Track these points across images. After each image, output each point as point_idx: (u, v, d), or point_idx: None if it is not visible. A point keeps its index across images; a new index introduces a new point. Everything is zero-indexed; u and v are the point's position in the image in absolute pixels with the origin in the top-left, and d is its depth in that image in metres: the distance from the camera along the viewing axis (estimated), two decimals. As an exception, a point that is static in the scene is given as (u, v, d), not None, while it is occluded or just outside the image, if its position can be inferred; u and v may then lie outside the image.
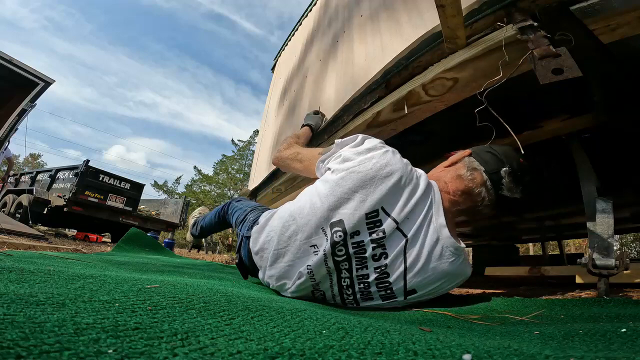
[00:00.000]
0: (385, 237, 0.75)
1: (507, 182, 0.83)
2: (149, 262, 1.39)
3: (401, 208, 0.75)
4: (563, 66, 0.75)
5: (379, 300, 0.79)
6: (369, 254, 0.76)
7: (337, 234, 0.76)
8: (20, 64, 4.56)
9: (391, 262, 0.76)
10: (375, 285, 0.77)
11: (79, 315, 0.31)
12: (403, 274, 0.76)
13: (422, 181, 0.79)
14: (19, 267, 0.61)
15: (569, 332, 0.45)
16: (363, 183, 0.76)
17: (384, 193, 0.75)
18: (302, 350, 0.29)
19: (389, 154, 0.80)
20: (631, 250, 13.55)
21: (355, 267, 0.77)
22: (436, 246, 0.77)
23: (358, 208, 0.75)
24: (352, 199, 0.76)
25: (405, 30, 1.20)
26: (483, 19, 0.93)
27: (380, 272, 0.76)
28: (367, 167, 0.77)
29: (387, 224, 0.75)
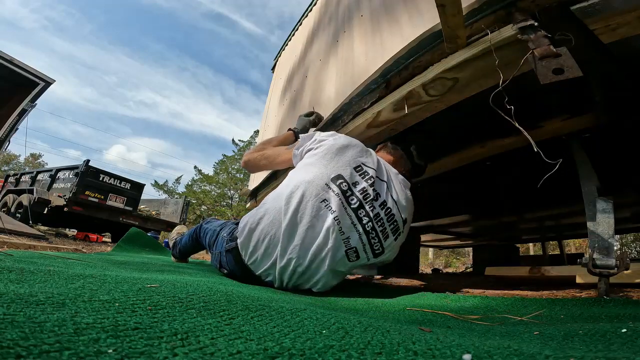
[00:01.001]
0: (374, 181, 1.01)
1: (415, 155, 1.24)
2: (149, 262, 1.39)
3: (371, 163, 1.05)
4: (563, 66, 0.75)
5: (391, 237, 1.02)
6: (372, 195, 0.98)
7: (343, 184, 0.97)
8: (20, 64, 4.56)
9: (386, 198, 1.02)
10: (387, 220, 1.00)
11: (79, 315, 0.31)
12: (397, 207, 1.04)
13: (371, 150, 1.14)
14: (19, 267, 0.61)
15: (569, 332, 0.45)
16: (343, 149, 1.05)
17: (358, 154, 1.05)
18: (302, 350, 0.29)
19: (347, 136, 1.14)
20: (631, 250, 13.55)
21: (369, 209, 0.97)
22: (401, 185, 1.11)
23: (348, 165, 1.01)
24: (340, 159, 1.01)
25: (405, 29, 1.20)
26: (483, 18, 0.93)
27: (385, 208, 1.01)
28: (341, 139, 1.08)
29: (371, 172, 1.02)
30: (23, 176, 7.68)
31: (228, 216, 18.64)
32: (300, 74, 2.36)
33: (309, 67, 2.21)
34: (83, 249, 2.72)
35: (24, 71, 4.61)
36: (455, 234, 3.56)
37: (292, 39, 3.09)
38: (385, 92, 1.26)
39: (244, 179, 20.05)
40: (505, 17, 0.89)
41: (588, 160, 1.05)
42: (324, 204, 0.95)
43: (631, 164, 1.51)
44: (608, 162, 1.45)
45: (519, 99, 0.87)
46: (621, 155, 1.46)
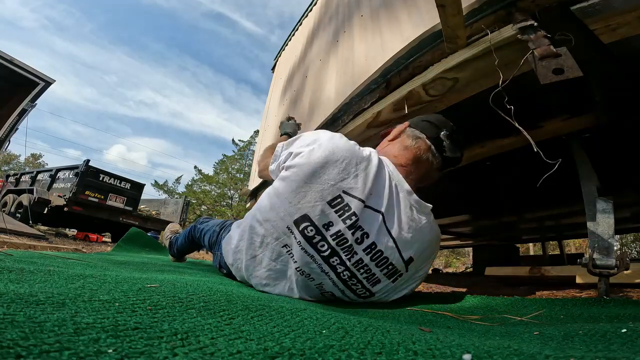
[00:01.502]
0: (358, 218, 0.74)
1: (447, 144, 0.90)
2: (149, 262, 1.39)
3: (362, 186, 0.75)
4: (564, 66, 0.75)
5: (387, 281, 0.81)
6: (352, 240, 0.75)
7: (309, 230, 0.74)
8: (20, 64, 4.56)
9: (377, 239, 0.76)
10: (375, 265, 0.78)
11: (79, 315, 0.31)
12: (395, 246, 0.78)
13: (374, 157, 0.80)
14: (19, 267, 0.61)
15: (569, 332, 0.45)
16: (319, 170, 0.75)
17: (340, 175, 0.75)
18: (302, 350, 0.29)
19: (335, 139, 0.80)
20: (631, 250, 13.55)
21: (346, 257, 0.76)
22: (412, 212, 0.81)
23: (319, 199, 0.74)
24: (310, 191, 0.74)
25: (405, 29, 1.20)
26: (483, 18, 0.93)
27: (372, 252, 0.76)
28: (317, 155, 0.76)
29: (355, 205, 0.74)
30: (23, 176, 7.68)
31: (228, 216, 18.63)
32: (300, 74, 2.36)
33: (309, 67, 2.21)
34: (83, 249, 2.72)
35: (24, 71, 4.61)
36: (455, 234, 3.56)
37: (292, 38, 3.09)
38: (385, 92, 1.26)
39: (244, 179, 20.06)
40: (506, 17, 0.89)
41: (588, 160, 1.05)
42: (286, 249, 0.78)
43: (631, 164, 1.51)
44: (608, 162, 1.45)
45: (519, 99, 0.87)
46: (621, 155, 1.46)
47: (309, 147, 0.79)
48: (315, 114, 1.81)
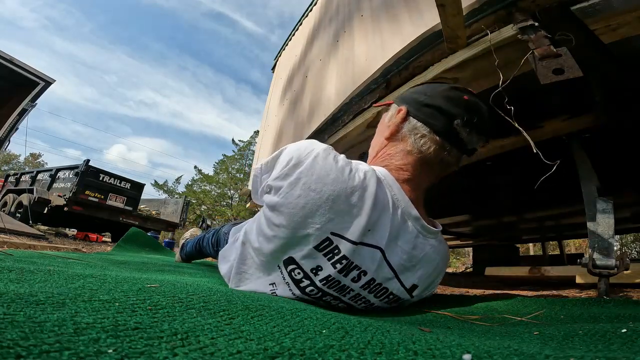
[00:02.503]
0: (350, 260, 0.63)
1: (465, 135, 0.69)
2: (149, 262, 1.39)
3: (355, 225, 0.62)
4: (564, 66, 0.75)
5: (387, 305, 0.74)
6: (346, 281, 0.66)
7: (296, 272, 0.66)
8: (20, 64, 4.56)
9: (376, 274, 0.67)
10: (374, 297, 0.70)
11: (79, 315, 0.31)
12: (395, 278, 0.69)
13: (370, 182, 0.65)
14: (19, 267, 0.61)
15: (569, 332, 0.45)
16: (297, 218, 0.62)
17: (326, 219, 0.61)
18: (302, 350, 0.29)
19: (318, 167, 0.63)
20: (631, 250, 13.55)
21: (339, 295, 0.68)
22: (417, 239, 0.70)
23: (306, 242, 0.63)
24: (296, 235, 0.63)
25: (405, 29, 1.20)
26: (483, 18, 0.93)
27: (371, 287, 0.68)
28: (296, 196, 0.62)
29: (345, 248, 0.62)
30: (23, 176, 7.68)
31: (228, 216, 18.65)
32: (300, 74, 2.36)
33: (309, 67, 2.21)
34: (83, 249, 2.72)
35: (24, 71, 4.61)
36: (455, 234, 3.56)
37: (292, 39, 3.09)
38: (386, 92, 1.26)
39: (244, 179, 20.06)
40: (506, 17, 0.89)
41: (588, 160, 1.05)
42: (271, 288, 0.70)
43: (631, 164, 1.51)
44: (608, 162, 1.45)
45: (519, 99, 0.87)
46: (621, 155, 1.46)
47: (287, 180, 0.64)
48: (316, 114, 1.81)
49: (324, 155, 0.65)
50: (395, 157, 0.74)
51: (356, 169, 0.66)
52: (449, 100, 0.71)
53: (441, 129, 0.70)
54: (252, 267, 0.74)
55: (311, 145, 0.68)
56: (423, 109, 0.72)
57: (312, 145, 0.68)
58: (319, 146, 0.68)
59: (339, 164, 0.65)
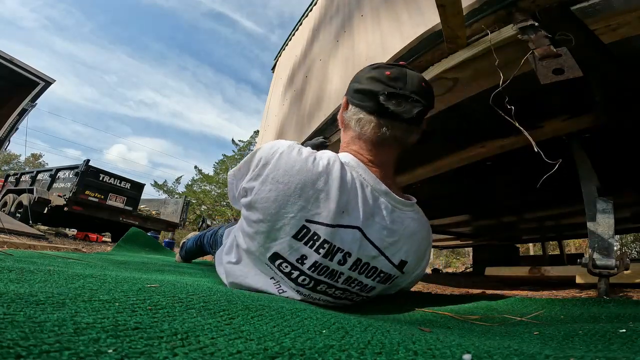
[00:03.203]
0: (331, 243, 0.66)
1: (394, 107, 0.70)
2: (149, 262, 1.39)
3: (326, 209, 0.66)
4: (564, 66, 0.75)
5: (382, 285, 0.75)
6: (333, 265, 0.68)
7: (284, 266, 0.69)
8: (20, 64, 4.56)
9: (360, 254, 0.69)
10: (365, 277, 0.72)
11: (79, 315, 0.31)
12: (381, 255, 0.71)
13: (333, 167, 0.69)
14: (19, 267, 0.61)
15: (569, 332, 0.45)
16: (271, 211, 0.67)
17: (298, 207, 0.65)
18: (302, 350, 0.29)
19: (283, 160, 0.68)
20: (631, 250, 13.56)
21: (333, 281, 0.70)
22: (393, 213, 0.72)
23: (285, 234, 0.66)
24: (271, 230, 0.67)
25: (405, 29, 1.20)
26: (483, 18, 0.93)
27: (359, 267, 0.70)
28: (266, 191, 0.67)
29: (323, 232, 0.66)
30: (23, 176, 7.68)
31: (228, 216, 18.64)
32: (300, 74, 2.36)
33: (309, 67, 2.21)
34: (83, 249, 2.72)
35: (24, 71, 4.61)
36: (455, 234, 3.56)
37: (292, 39, 3.09)
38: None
39: (244, 178, 20.00)
40: (506, 17, 0.89)
41: (588, 160, 1.05)
42: (273, 282, 0.74)
43: (631, 164, 1.51)
44: (608, 162, 1.45)
45: (519, 99, 0.87)
46: (621, 155, 1.46)
47: (258, 179, 0.69)
48: (316, 113, 1.81)
49: (288, 151, 0.70)
50: (351, 143, 0.79)
51: (320, 158, 0.70)
52: (371, 79, 0.74)
53: (372, 108, 0.73)
54: (248, 265, 0.77)
55: (276, 145, 0.73)
56: (355, 95, 0.77)
57: (277, 144, 0.73)
58: (284, 144, 0.73)
59: (302, 156, 0.70)
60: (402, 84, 0.72)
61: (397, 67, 0.75)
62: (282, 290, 0.73)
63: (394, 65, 0.75)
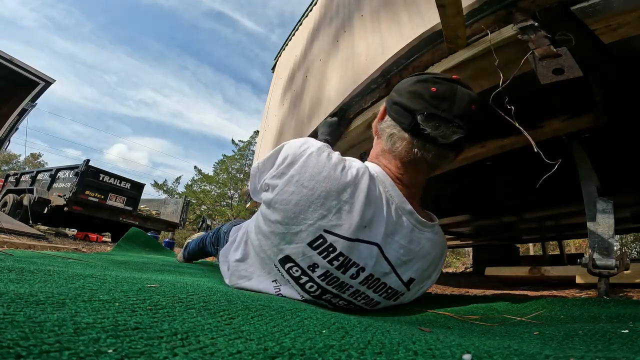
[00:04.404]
0: (347, 257, 0.64)
1: (432, 130, 0.65)
2: (149, 262, 1.39)
3: (348, 222, 0.63)
4: (564, 66, 0.75)
5: (386, 301, 0.74)
6: (345, 278, 0.66)
7: (294, 270, 0.67)
8: (20, 64, 4.56)
9: (374, 269, 0.67)
10: (373, 292, 0.70)
11: (79, 315, 0.31)
12: (393, 272, 0.69)
13: (362, 179, 0.66)
14: (19, 267, 0.61)
15: (569, 332, 0.45)
16: (290, 214, 0.64)
17: (318, 215, 0.63)
18: (302, 350, 0.29)
19: (310, 163, 0.66)
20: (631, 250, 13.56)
21: (339, 292, 0.69)
22: (414, 232, 0.70)
23: (301, 240, 0.64)
24: (288, 232, 0.65)
25: (405, 29, 1.20)
26: (483, 18, 0.93)
27: (369, 282, 0.68)
28: (289, 193, 0.65)
29: (341, 245, 0.63)
30: (23, 176, 7.68)
31: (228, 216, 18.65)
32: (300, 74, 2.36)
33: (309, 67, 2.21)
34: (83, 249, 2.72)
35: (24, 71, 4.61)
36: (455, 234, 3.56)
37: (292, 39, 3.09)
38: (386, 92, 1.26)
39: (244, 178, 20.06)
40: (506, 17, 0.89)
41: (588, 161, 1.05)
42: (274, 285, 0.72)
43: (631, 164, 1.51)
44: (608, 162, 1.45)
45: (519, 99, 0.87)
46: (621, 155, 1.46)
47: (282, 178, 0.67)
48: (316, 114, 1.81)
49: (317, 153, 0.67)
50: (381, 156, 0.76)
51: (349, 167, 0.67)
52: (412, 94, 0.69)
53: (407, 126, 0.68)
54: (253, 265, 0.76)
55: (306, 144, 0.70)
56: (394, 107, 0.72)
57: (307, 143, 0.70)
58: (314, 144, 0.69)
59: (331, 161, 0.66)
60: (448, 105, 0.65)
61: (447, 83, 0.68)
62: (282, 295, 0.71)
63: (443, 80, 0.69)
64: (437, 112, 0.65)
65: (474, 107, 0.67)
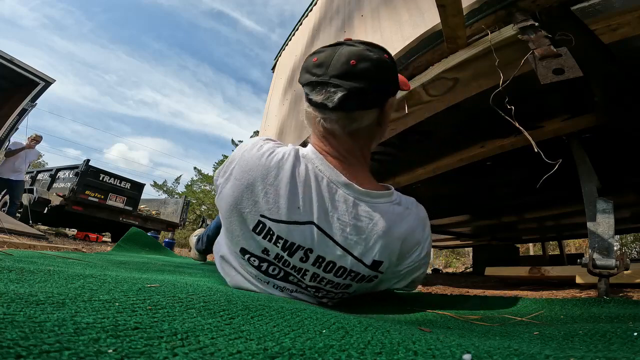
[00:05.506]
0: (286, 239, 0.65)
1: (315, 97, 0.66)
2: (149, 262, 1.39)
3: (274, 205, 0.64)
4: (564, 66, 0.75)
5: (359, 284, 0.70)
6: (295, 261, 0.66)
7: (252, 260, 0.70)
8: (21, 64, 4.56)
9: (320, 250, 0.65)
10: (334, 276, 0.67)
11: (79, 315, 0.31)
12: (348, 254, 0.66)
13: (287, 160, 0.67)
14: (19, 267, 0.61)
15: (569, 332, 0.45)
16: (231, 205, 0.68)
17: (252, 202, 0.65)
18: (302, 350, 0.29)
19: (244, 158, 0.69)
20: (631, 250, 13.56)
21: (300, 276, 0.68)
22: (358, 207, 0.66)
23: (243, 229, 0.68)
24: (234, 223, 0.69)
25: (405, 29, 1.20)
26: (484, 18, 0.93)
27: (323, 265, 0.66)
28: (228, 188, 0.69)
29: (277, 228, 0.65)
30: (23, 176, 7.66)
31: (228, 216, 18.61)
32: (300, 74, 2.36)
33: (309, 67, 2.21)
34: (83, 249, 2.72)
35: (24, 71, 4.61)
36: (455, 234, 3.56)
37: (292, 38, 3.09)
38: (386, 92, 1.26)
39: (244, 178, 20.01)
40: (506, 17, 0.89)
41: (588, 161, 1.05)
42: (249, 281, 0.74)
43: (631, 164, 1.51)
44: (608, 162, 1.45)
45: (519, 99, 0.87)
46: (621, 155, 1.46)
47: (225, 176, 0.71)
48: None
49: (250, 148, 0.71)
50: (312, 136, 0.76)
51: (277, 152, 0.69)
52: (302, 70, 0.71)
53: (307, 102, 0.71)
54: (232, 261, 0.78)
55: (245, 143, 0.74)
56: None
57: (246, 142, 0.74)
58: (250, 142, 0.73)
59: (260, 151, 0.69)
60: (324, 69, 0.65)
61: (330, 48, 0.68)
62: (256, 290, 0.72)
63: (327, 47, 0.69)
64: (315, 78, 0.66)
65: (354, 62, 0.64)
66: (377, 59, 0.66)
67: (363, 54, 0.65)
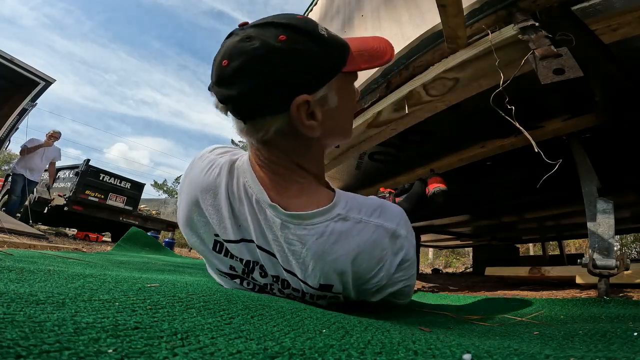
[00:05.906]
0: (240, 257, 0.62)
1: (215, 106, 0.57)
2: (149, 262, 1.39)
3: (218, 223, 0.61)
4: (564, 66, 0.75)
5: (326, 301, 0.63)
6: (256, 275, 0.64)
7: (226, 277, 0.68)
8: (21, 64, 4.56)
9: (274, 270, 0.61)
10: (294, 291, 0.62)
11: (79, 315, 0.31)
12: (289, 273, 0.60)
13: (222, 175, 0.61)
14: (19, 267, 0.61)
15: (569, 332, 0.45)
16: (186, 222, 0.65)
17: (202, 222, 0.63)
18: (302, 350, 0.29)
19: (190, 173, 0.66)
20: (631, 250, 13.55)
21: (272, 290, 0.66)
22: (287, 230, 0.56)
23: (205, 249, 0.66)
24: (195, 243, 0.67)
25: (406, 29, 1.20)
26: (484, 18, 0.93)
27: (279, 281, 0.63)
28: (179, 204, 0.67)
29: (231, 247, 0.62)
30: (23, 175, 7.66)
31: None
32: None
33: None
34: (83, 249, 2.72)
35: (24, 71, 4.61)
36: (455, 234, 3.56)
37: (292, 38, 3.08)
38: (386, 92, 1.26)
39: (244, 178, 20.00)
40: (506, 17, 0.89)
41: (588, 160, 1.05)
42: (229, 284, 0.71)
43: (631, 164, 1.51)
44: (608, 162, 1.45)
45: (519, 99, 0.87)
46: (621, 155, 1.46)
47: (180, 189, 0.69)
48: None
49: (198, 159, 0.67)
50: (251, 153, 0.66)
51: (215, 166, 0.63)
52: None
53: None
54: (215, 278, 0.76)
55: (197, 153, 0.70)
56: None
57: (199, 152, 0.71)
58: (198, 155, 0.69)
59: (202, 164, 0.64)
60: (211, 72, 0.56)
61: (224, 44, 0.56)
62: None
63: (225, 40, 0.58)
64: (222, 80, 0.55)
65: (226, 62, 0.52)
66: (256, 49, 0.50)
67: (236, 49, 0.52)
